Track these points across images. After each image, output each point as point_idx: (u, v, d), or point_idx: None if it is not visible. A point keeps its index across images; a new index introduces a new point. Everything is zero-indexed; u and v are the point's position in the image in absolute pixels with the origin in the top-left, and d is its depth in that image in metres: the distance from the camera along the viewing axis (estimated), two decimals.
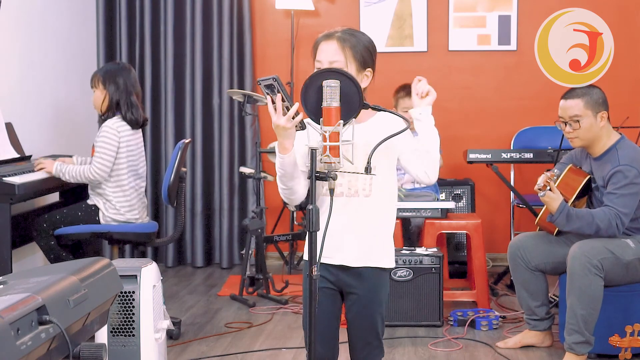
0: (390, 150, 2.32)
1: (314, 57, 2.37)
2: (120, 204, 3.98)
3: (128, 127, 3.97)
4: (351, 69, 2.30)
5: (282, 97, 2.13)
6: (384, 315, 2.42)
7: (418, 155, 2.35)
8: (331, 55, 2.30)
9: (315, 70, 2.28)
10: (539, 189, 3.44)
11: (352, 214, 2.32)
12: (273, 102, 2.15)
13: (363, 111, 2.29)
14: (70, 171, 3.93)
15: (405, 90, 4.65)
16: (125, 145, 3.97)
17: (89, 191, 4.05)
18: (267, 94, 2.15)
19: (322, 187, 2.31)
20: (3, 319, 1.45)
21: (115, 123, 3.95)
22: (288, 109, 2.14)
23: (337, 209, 2.14)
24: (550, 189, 3.43)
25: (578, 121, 3.52)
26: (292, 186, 2.31)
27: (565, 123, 3.58)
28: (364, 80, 2.35)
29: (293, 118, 2.15)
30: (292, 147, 2.22)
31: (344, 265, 2.36)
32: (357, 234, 2.34)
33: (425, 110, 2.36)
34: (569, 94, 3.59)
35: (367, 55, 2.34)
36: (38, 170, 3.98)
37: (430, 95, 2.38)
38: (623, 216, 3.40)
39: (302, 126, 2.19)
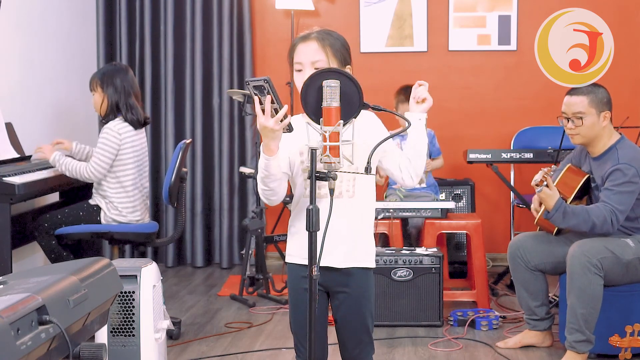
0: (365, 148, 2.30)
1: (291, 60, 2.37)
2: (123, 204, 3.98)
3: (130, 127, 3.97)
4: (333, 66, 2.31)
5: (272, 99, 2.12)
6: (373, 312, 2.43)
7: (408, 159, 2.38)
8: (312, 55, 2.32)
9: (295, 72, 2.32)
10: (536, 185, 3.44)
11: (337, 216, 2.31)
12: (261, 103, 2.14)
13: None
14: (67, 164, 3.93)
15: (404, 94, 4.66)
16: (131, 145, 3.97)
17: (93, 191, 4.05)
18: (255, 94, 2.15)
19: (306, 189, 2.31)
20: (3, 319, 1.45)
21: (117, 125, 3.95)
22: (277, 111, 2.14)
23: (322, 211, 2.13)
24: (547, 185, 3.43)
25: (581, 118, 3.52)
26: (274, 187, 2.30)
27: (568, 119, 3.58)
28: None
29: (281, 121, 2.15)
30: (278, 149, 2.22)
31: (331, 267, 2.35)
32: (343, 235, 2.33)
33: (422, 117, 2.38)
34: (575, 90, 3.60)
35: (345, 52, 2.38)
36: (36, 153, 4.01)
37: (427, 102, 2.39)
38: (618, 213, 3.40)
39: (289, 129, 2.19)
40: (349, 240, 2.35)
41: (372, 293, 2.42)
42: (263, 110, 2.14)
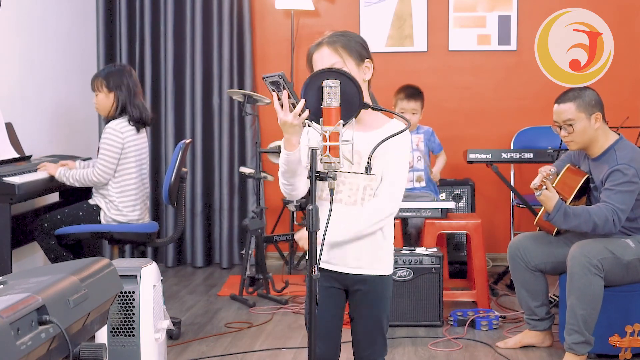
0: (385, 157, 2.29)
1: (310, 70, 2.35)
2: (124, 204, 3.97)
3: (132, 128, 3.97)
4: (350, 65, 2.30)
5: (288, 94, 2.13)
6: (388, 314, 2.44)
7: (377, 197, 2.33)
8: (327, 60, 2.30)
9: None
10: (535, 188, 3.44)
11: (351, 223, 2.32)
12: (279, 99, 2.15)
13: (375, 119, 2.30)
14: (74, 175, 3.93)
15: (404, 92, 4.66)
16: (133, 144, 3.97)
17: (92, 190, 4.05)
18: (273, 90, 2.15)
19: (322, 191, 2.32)
20: (3, 319, 1.45)
21: (119, 124, 3.95)
22: (294, 106, 2.14)
23: (337, 217, 2.13)
24: (546, 188, 3.43)
25: (572, 125, 3.51)
26: (294, 182, 2.31)
27: (560, 127, 3.57)
28: (367, 72, 2.36)
29: (300, 114, 2.15)
30: (299, 144, 2.23)
31: (347, 273, 2.37)
32: (356, 243, 2.33)
33: None
34: (562, 97, 3.57)
35: (360, 48, 2.35)
36: (40, 169, 3.99)
37: None
38: (620, 212, 3.39)
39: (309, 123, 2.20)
40: (362, 248, 2.35)
41: (388, 294, 2.42)
42: (282, 106, 2.14)
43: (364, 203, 2.32)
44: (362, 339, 2.42)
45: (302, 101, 2.14)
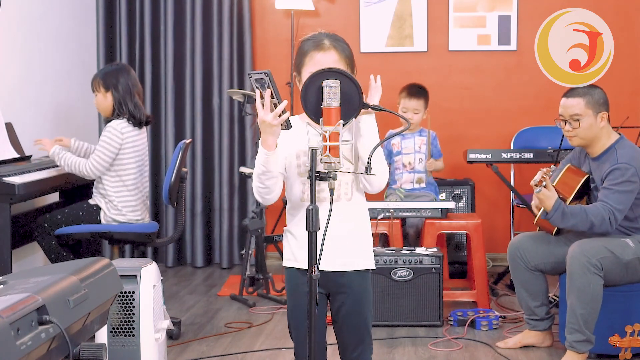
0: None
1: (301, 65, 2.33)
2: (123, 204, 3.98)
3: (133, 128, 3.97)
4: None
5: (272, 93, 2.12)
6: (372, 312, 2.44)
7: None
8: (333, 66, 2.26)
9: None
10: (535, 185, 3.45)
11: (337, 219, 2.29)
12: (262, 97, 2.14)
13: None
14: (67, 159, 3.93)
15: (407, 90, 4.69)
16: (132, 145, 3.98)
17: (93, 190, 4.05)
18: (257, 87, 2.14)
19: (303, 192, 2.31)
20: (3, 319, 1.45)
21: (120, 124, 3.95)
22: (276, 106, 2.13)
23: (323, 215, 2.11)
24: (545, 186, 3.43)
25: (578, 120, 3.52)
26: (270, 185, 2.27)
27: (565, 121, 3.58)
28: None
29: (280, 116, 2.14)
30: (276, 145, 2.21)
31: (332, 271, 2.34)
32: (343, 239, 2.33)
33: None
34: (571, 92, 3.59)
35: (353, 58, 2.36)
36: (36, 145, 4.06)
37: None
38: (617, 212, 3.40)
39: (287, 125, 2.18)
40: (349, 243, 2.35)
41: (370, 293, 2.43)
42: (263, 105, 2.13)
43: (347, 197, 2.33)
44: (351, 340, 2.41)
45: (284, 102, 2.13)
